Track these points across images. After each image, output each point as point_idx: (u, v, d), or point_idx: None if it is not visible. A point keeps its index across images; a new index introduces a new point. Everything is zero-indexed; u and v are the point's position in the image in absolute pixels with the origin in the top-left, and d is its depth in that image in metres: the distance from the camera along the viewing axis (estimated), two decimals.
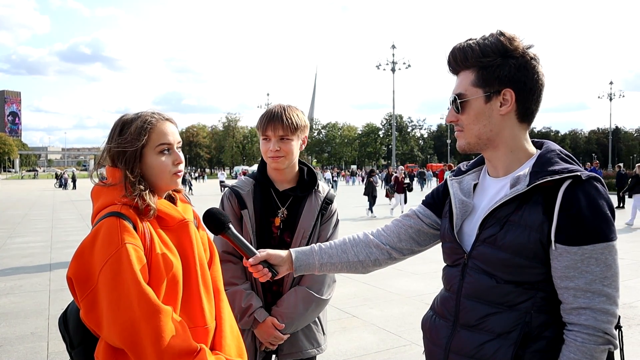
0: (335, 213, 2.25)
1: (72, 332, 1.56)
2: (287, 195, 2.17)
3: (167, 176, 1.59)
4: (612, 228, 1.27)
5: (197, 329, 1.55)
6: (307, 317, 2.12)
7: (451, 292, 1.47)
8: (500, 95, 1.37)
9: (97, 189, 1.59)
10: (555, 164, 1.33)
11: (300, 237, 2.11)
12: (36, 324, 5.39)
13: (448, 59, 1.45)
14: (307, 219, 2.13)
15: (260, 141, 2.15)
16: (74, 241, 11.46)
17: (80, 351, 1.54)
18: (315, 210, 2.16)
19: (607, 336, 1.24)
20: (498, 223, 1.34)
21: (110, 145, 1.58)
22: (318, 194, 2.20)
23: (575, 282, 1.26)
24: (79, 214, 18.37)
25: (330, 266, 1.63)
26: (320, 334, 2.21)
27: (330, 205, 2.22)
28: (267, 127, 2.09)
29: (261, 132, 2.12)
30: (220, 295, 1.69)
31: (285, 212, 2.15)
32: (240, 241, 1.54)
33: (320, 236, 2.16)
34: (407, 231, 1.64)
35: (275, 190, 2.17)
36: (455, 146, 1.49)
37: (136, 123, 1.56)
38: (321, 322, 2.24)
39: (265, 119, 2.10)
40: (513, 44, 1.36)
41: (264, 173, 2.20)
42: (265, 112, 2.15)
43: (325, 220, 2.20)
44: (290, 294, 2.10)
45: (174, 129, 1.63)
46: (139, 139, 1.54)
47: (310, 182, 2.21)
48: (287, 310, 2.07)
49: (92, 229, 1.49)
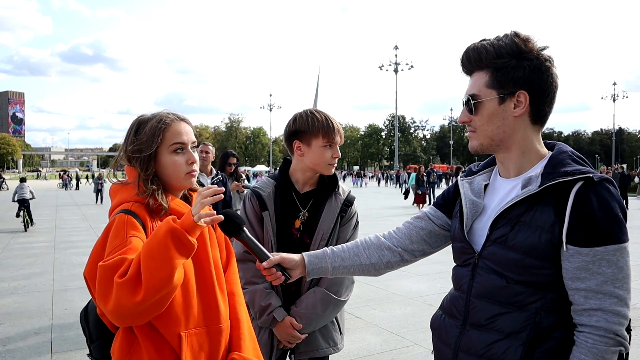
0: (355, 215, 2.27)
1: (92, 327, 1.64)
2: (307, 197, 2.20)
3: (181, 175, 1.60)
4: (624, 230, 1.27)
5: (211, 327, 1.56)
6: (325, 318, 2.15)
7: (461, 291, 1.47)
8: (514, 97, 1.37)
9: (114, 187, 1.64)
10: (567, 165, 1.32)
11: (319, 239, 2.14)
12: (40, 324, 5.40)
13: (462, 59, 1.45)
14: (326, 221, 2.16)
15: (316, 148, 2.12)
16: (77, 241, 11.50)
17: (99, 345, 1.62)
18: (335, 212, 2.18)
19: (618, 338, 1.24)
20: (509, 223, 1.34)
21: (127, 144, 1.61)
22: (338, 196, 2.22)
23: (586, 283, 1.25)
24: (82, 215, 18.41)
25: (342, 269, 1.64)
26: (337, 334, 2.25)
27: (350, 207, 2.24)
28: (336, 134, 2.12)
29: (326, 140, 2.11)
30: (237, 298, 1.70)
31: (306, 215, 2.18)
32: (255, 244, 1.54)
33: (339, 238, 2.19)
34: (419, 233, 1.64)
35: (297, 193, 2.19)
36: (457, 147, 1.49)
37: (151, 123, 1.59)
38: (338, 322, 2.27)
39: (329, 127, 2.11)
40: (528, 45, 1.35)
41: (285, 175, 2.21)
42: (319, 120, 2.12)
43: (345, 222, 2.22)
44: (309, 294, 2.12)
45: (188, 129, 1.65)
46: (153, 139, 1.57)
47: (331, 184, 2.23)
48: (305, 311, 2.10)
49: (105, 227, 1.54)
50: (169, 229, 1.38)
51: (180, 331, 1.49)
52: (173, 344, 1.49)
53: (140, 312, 1.37)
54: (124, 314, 1.36)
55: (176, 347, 1.49)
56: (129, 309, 1.34)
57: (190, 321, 1.52)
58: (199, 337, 1.53)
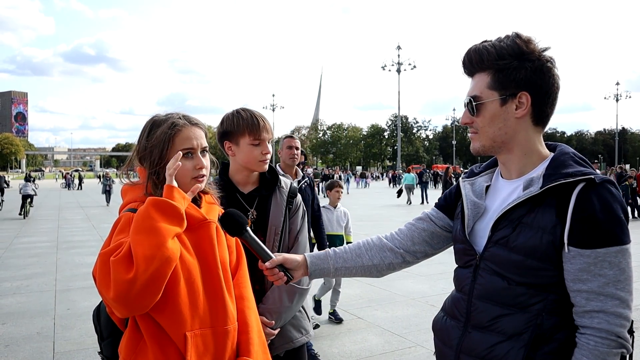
0: (301, 205, 2.30)
1: (103, 325, 1.66)
2: (252, 196, 2.21)
3: (187, 180, 1.61)
4: (626, 231, 1.26)
5: (217, 329, 1.56)
6: (293, 309, 2.17)
7: (463, 293, 1.47)
8: (516, 99, 1.37)
9: (125, 187, 1.67)
10: (569, 166, 1.32)
11: (272, 234, 2.16)
12: (42, 324, 5.42)
13: (463, 61, 1.45)
14: (276, 216, 2.18)
15: (245, 146, 2.11)
16: (80, 241, 11.52)
17: (110, 343, 1.64)
18: (282, 205, 2.21)
19: (620, 340, 1.24)
20: (511, 225, 1.34)
21: (139, 146, 1.64)
22: (282, 190, 2.25)
23: (588, 285, 1.25)
24: (84, 215, 18.45)
25: (344, 270, 1.63)
26: (306, 321, 2.28)
27: (295, 199, 2.28)
28: (262, 131, 2.11)
29: (253, 137, 2.10)
30: (246, 302, 1.70)
31: (254, 213, 2.19)
32: (258, 245, 1.54)
33: (290, 230, 2.22)
34: (421, 234, 1.64)
35: (241, 193, 2.20)
36: (460, 147, 1.49)
37: (163, 128, 1.60)
38: (305, 310, 2.30)
39: (255, 125, 2.10)
40: (529, 46, 1.35)
41: (225, 178, 2.20)
42: (245, 118, 2.12)
43: (293, 213, 2.25)
44: (273, 289, 2.13)
45: (199, 134, 1.65)
46: (163, 144, 1.59)
47: (273, 180, 2.25)
48: (273, 306, 2.11)
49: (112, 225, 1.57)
50: (149, 201, 1.44)
51: (185, 331, 1.49)
52: (178, 344, 1.49)
53: (138, 293, 1.34)
54: (122, 296, 1.34)
55: (181, 347, 1.49)
56: (125, 288, 1.33)
57: (196, 321, 1.52)
58: (205, 338, 1.53)
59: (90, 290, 6.68)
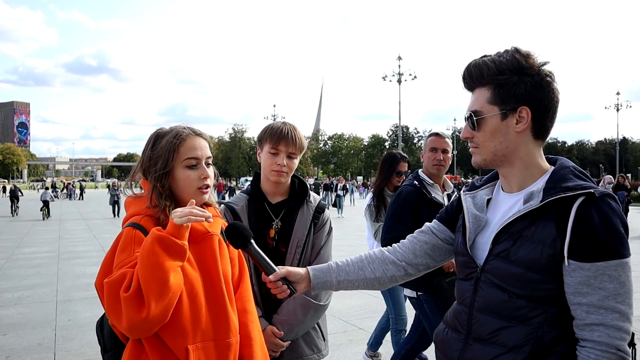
0: (328, 221, 2.32)
1: (107, 337, 1.67)
2: (280, 207, 2.24)
3: (192, 190, 1.62)
4: (626, 245, 1.27)
5: (219, 342, 1.57)
6: (307, 324, 2.16)
7: (464, 305, 1.47)
8: (517, 113, 1.38)
9: (129, 200, 1.67)
10: (569, 180, 1.33)
11: (294, 247, 2.18)
12: (43, 335, 5.40)
13: (463, 76, 1.47)
14: (300, 229, 2.20)
15: (264, 153, 2.20)
16: (81, 252, 11.51)
17: (113, 355, 1.64)
18: (308, 219, 2.23)
19: (620, 353, 1.24)
20: (511, 238, 1.35)
21: (143, 158, 1.65)
22: (310, 205, 2.27)
23: (588, 298, 1.25)
24: (86, 225, 18.44)
25: (347, 283, 1.64)
26: (320, 340, 2.26)
27: (322, 214, 2.29)
28: (280, 142, 2.14)
29: (271, 145, 2.16)
30: (249, 316, 1.71)
31: (279, 224, 2.21)
32: (261, 257, 1.55)
33: (314, 244, 2.23)
34: (423, 247, 1.65)
35: (269, 203, 2.24)
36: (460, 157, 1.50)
37: (167, 138, 1.62)
38: (321, 328, 2.28)
39: (277, 135, 2.15)
40: (528, 61, 1.37)
41: (257, 188, 2.27)
42: (274, 127, 2.19)
43: (318, 229, 2.26)
44: (289, 301, 2.13)
45: (203, 144, 1.67)
46: (168, 153, 1.59)
47: (302, 194, 2.28)
48: (286, 317, 2.11)
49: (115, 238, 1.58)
50: (154, 237, 1.42)
51: (188, 344, 1.50)
52: (181, 357, 1.50)
53: (151, 325, 1.42)
54: (137, 329, 1.42)
55: None
56: (140, 324, 1.40)
57: (198, 335, 1.53)
58: (207, 351, 1.54)
59: (91, 300, 6.67)
